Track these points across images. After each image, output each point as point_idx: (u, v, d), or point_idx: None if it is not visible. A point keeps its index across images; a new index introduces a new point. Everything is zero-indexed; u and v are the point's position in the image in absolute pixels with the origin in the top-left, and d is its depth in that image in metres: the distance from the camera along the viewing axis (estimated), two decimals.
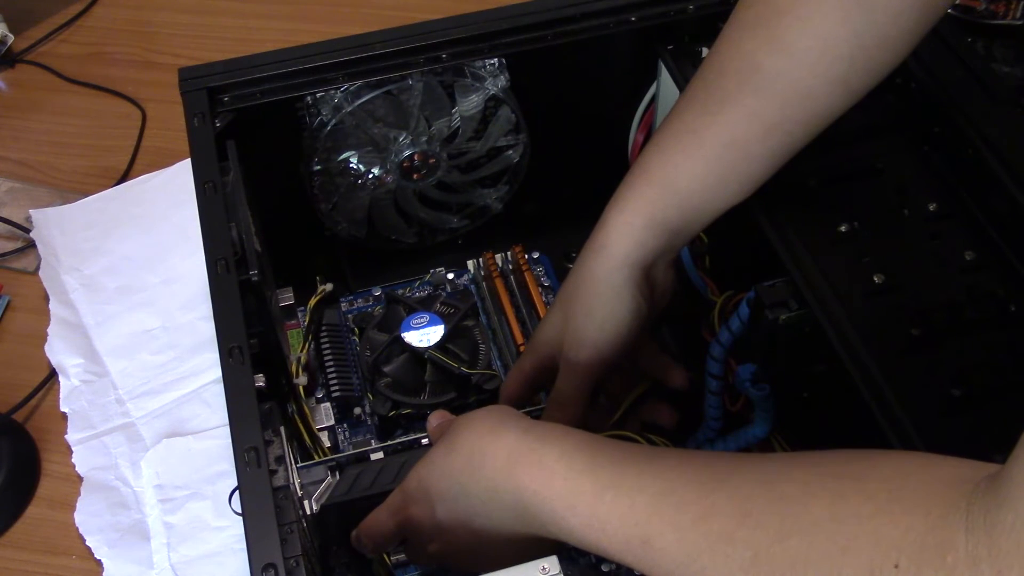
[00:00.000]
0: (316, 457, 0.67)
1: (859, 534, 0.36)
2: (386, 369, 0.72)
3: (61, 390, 0.80)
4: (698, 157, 0.57)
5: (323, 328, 0.77)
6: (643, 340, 0.63)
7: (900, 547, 0.35)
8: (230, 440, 0.50)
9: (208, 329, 0.67)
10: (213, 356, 0.79)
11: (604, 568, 0.61)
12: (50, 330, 0.84)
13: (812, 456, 0.42)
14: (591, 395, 0.62)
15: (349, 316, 0.80)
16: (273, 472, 0.52)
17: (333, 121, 0.70)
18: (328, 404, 0.74)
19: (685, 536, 0.42)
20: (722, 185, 0.57)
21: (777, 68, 0.54)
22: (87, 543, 0.72)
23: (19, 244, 0.92)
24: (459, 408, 0.73)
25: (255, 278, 0.58)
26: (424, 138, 0.74)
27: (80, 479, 0.75)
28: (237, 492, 0.49)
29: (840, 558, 0.36)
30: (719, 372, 0.63)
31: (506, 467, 0.49)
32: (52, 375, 0.82)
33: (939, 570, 0.33)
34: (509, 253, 0.82)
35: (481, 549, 0.53)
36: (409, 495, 0.55)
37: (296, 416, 0.68)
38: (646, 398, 0.67)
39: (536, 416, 0.63)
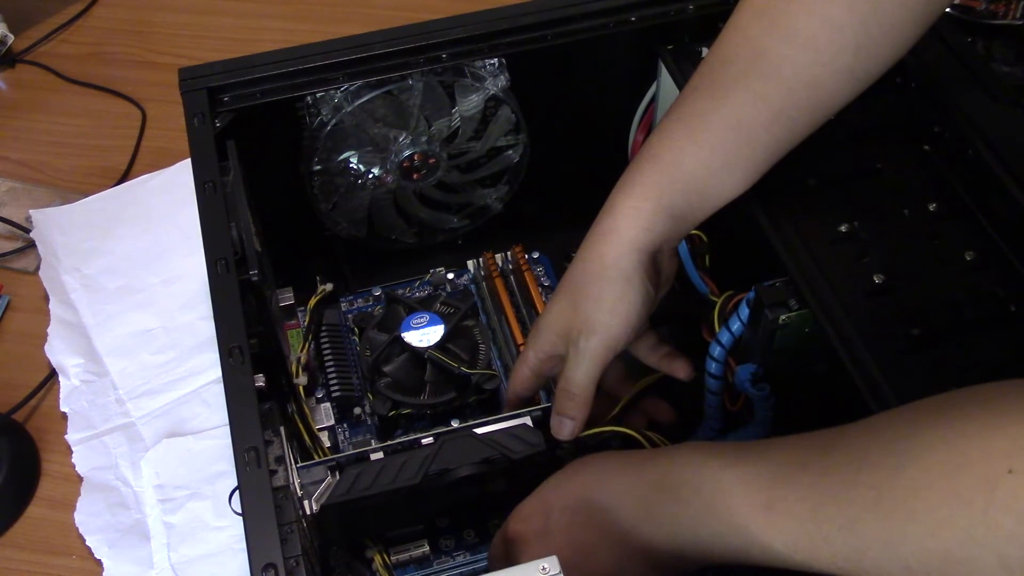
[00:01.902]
0: (316, 457, 0.67)
1: (969, 450, 0.38)
2: (386, 369, 0.72)
3: (61, 390, 0.80)
4: (704, 141, 0.57)
5: (323, 328, 0.77)
6: (644, 329, 0.63)
7: (1010, 453, 0.36)
8: (230, 440, 0.50)
9: (208, 329, 0.67)
10: (213, 356, 0.78)
11: None
12: (50, 330, 0.84)
13: (917, 403, 0.43)
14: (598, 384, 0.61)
15: (349, 316, 0.80)
16: (273, 472, 0.52)
17: (333, 121, 0.70)
18: (328, 404, 0.74)
19: (808, 494, 0.43)
20: (727, 171, 0.57)
21: (783, 54, 0.55)
22: (87, 543, 0.72)
23: (19, 244, 0.92)
24: (459, 408, 0.73)
25: (255, 278, 0.58)
26: (424, 138, 0.74)
27: (80, 479, 0.75)
28: (237, 492, 0.49)
29: (956, 476, 0.38)
30: (719, 372, 0.63)
31: (634, 472, 0.53)
32: (52, 375, 0.82)
33: None
34: (509, 253, 0.82)
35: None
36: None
37: (296, 416, 0.68)
38: (645, 395, 0.67)
39: (543, 413, 0.63)
